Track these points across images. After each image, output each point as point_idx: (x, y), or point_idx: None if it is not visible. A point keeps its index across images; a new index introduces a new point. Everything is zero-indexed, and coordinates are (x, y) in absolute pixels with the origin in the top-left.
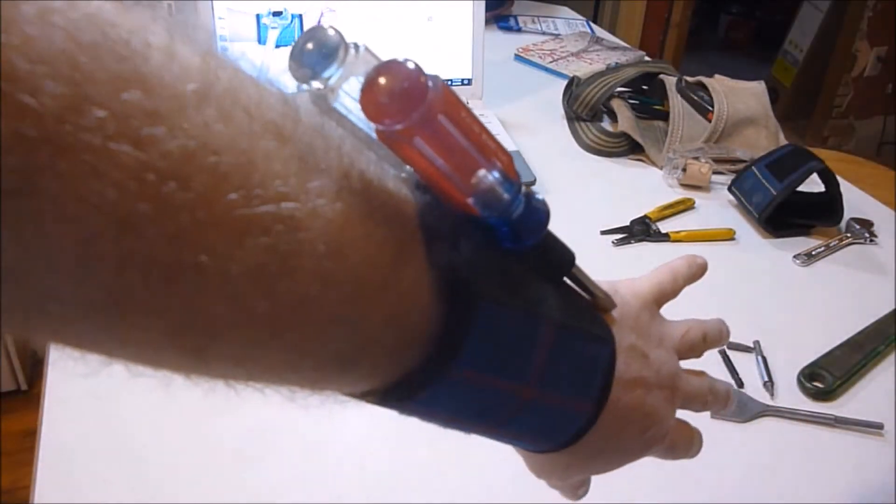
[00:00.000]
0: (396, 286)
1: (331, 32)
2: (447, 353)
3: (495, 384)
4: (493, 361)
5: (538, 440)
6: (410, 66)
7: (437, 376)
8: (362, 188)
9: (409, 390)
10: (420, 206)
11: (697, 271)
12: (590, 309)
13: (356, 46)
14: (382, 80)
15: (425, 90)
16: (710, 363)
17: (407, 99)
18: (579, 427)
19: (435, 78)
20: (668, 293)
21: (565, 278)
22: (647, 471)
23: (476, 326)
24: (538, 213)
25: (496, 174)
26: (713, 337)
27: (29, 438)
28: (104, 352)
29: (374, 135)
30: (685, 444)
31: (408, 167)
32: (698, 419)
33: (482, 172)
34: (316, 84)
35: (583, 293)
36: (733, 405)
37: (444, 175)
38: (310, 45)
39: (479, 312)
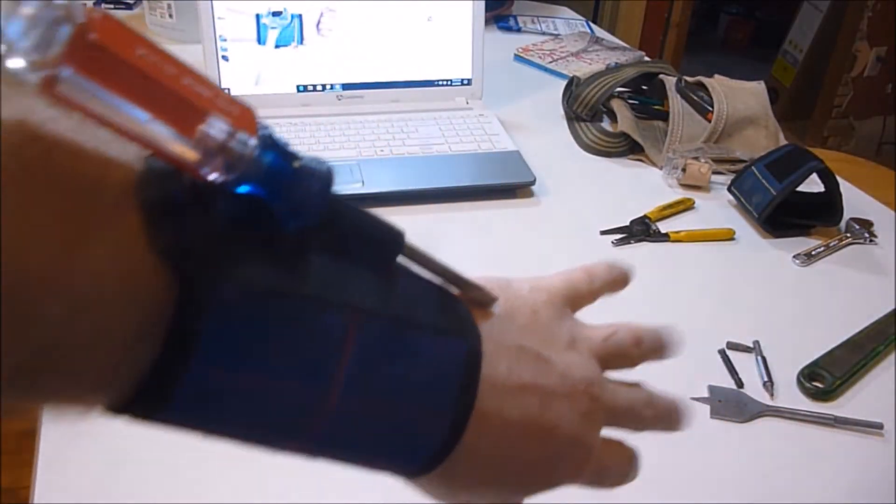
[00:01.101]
0: (78, 267)
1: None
2: (176, 341)
3: (266, 384)
4: (251, 358)
5: (385, 460)
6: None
7: (175, 373)
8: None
9: (154, 394)
10: (141, 176)
11: (619, 277)
12: (440, 300)
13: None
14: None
15: (70, 15)
16: (710, 363)
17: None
18: (436, 444)
19: (91, 10)
20: (582, 294)
21: (405, 267)
22: (646, 471)
23: (213, 309)
24: (313, 174)
25: (217, 123)
26: (650, 343)
27: (29, 438)
28: None
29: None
30: (619, 467)
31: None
32: (698, 416)
33: (208, 120)
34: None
35: (451, 286)
36: (681, 423)
37: (144, 131)
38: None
39: (217, 291)
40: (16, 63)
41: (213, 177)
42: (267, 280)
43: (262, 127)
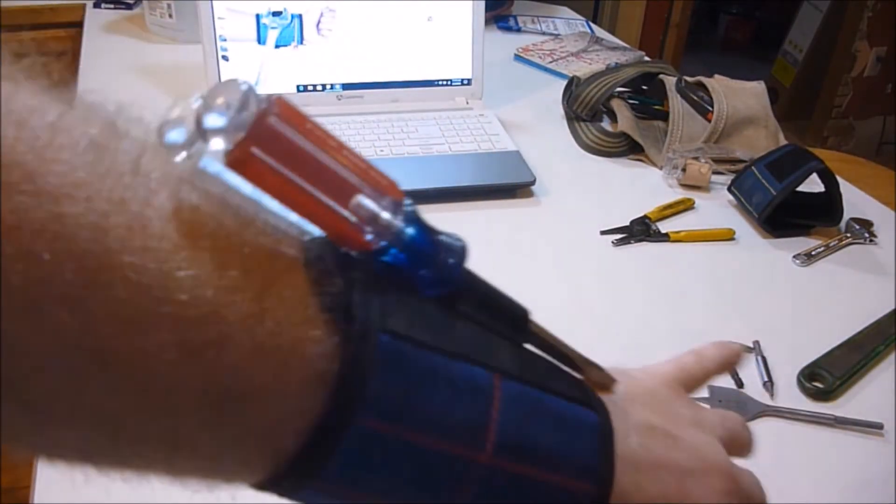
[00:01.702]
0: (264, 315)
1: (192, 103)
2: (346, 394)
3: (427, 441)
4: (417, 408)
5: None
6: (241, 84)
7: (340, 429)
8: (220, 222)
9: (309, 456)
10: (308, 245)
11: (730, 356)
12: (566, 373)
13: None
14: (217, 99)
15: (253, 101)
16: None
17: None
18: None
19: (270, 97)
20: (694, 374)
21: (529, 346)
22: None
23: (381, 361)
24: (452, 247)
25: (381, 199)
26: (745, 439)
27: None
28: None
29: (258, 197)
30: None
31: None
32: None
33: (361, 196)
34: (180, 156)
35: (566, 368)
36: None
37: (309, 195)
38: (173, 118)
39: (382, 344)
40: (217, 145)
41: (370, 242)
42: (421, 336)
43: (407, 202)
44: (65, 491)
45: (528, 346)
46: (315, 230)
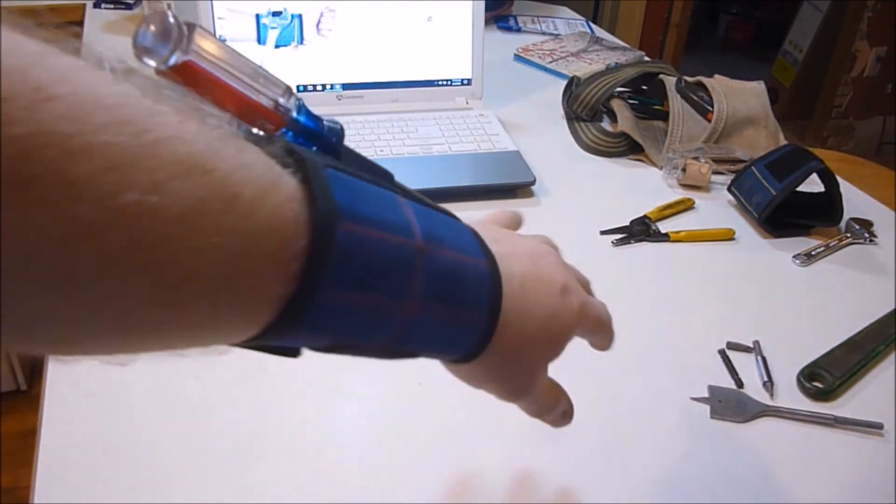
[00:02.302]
0: (250, 165)
1: (170, 19)
2: (325, 209)
3: (387, 238)
4: (370, 213)
5: (466, 311)
6: (168, 16)
7: (330, 239)
8: (192, 116)
9: (313, 267)
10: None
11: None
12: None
13: (189, 27)
14: (146, 28)
15: (177, 29)
16: (709, 363)
17: (166, 36)
18: (491, 284)
19: (190, 23)
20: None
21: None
22: (646, 471)
23: (334, 183)
24: (333, 128)
25: (274, 86)
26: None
27: (29, 438)
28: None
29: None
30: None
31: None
32: (698, 416)
33: (262, 83)
34: (152, 62)
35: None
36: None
37: (237, 89)
38: (152, 28)
39: (329, 172)
40: (151, 63)
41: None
42: (347, 170)
43: (293, 93)
44: (65, 491)
45: None
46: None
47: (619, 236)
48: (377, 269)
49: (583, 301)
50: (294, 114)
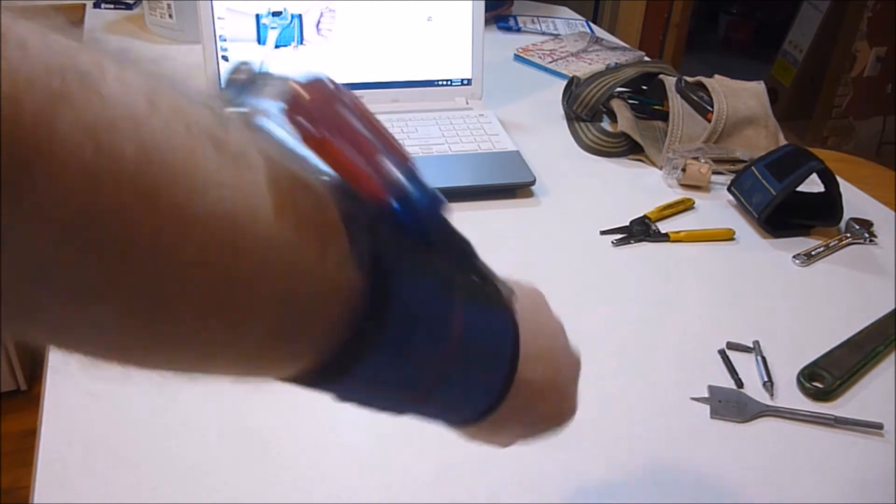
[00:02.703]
0: (324, 266)
1: (250, 67)
2: (374, 318)
3: (421, 351)
4: (417, 325)
5: (468, 405)
6: (325, 79)
7: (363, 354)
8: (289, 185)
9: (339, 369)
10: (337, 199)
11: None
12: (491, 283)
13: (271, 75)
14: (304, 91)
15: (336, 95)
16: (709, 363)
17: (323, 102)
18: (493, 393)
19: (345, 88)
20: None
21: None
22: (646, 471)
23: (397, 294)
24: (437, 203)
25: (403, 166)
26: None
27: (29, 438)
28: (71, 335)
29: (296, 148)
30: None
31: (325, 172)
32: (698, 416)
33: (388, 165)
34: (241, 109)
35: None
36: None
37: (360, 167)
38: (233, 79)
39: (398, 281)
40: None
41: (392, 200)
42: (423, 271)
43: (410, 160)
44: (65, 491)
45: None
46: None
47: (619, 236)
48: (396, 377)
49: (572, 410)
50: (406, 186)
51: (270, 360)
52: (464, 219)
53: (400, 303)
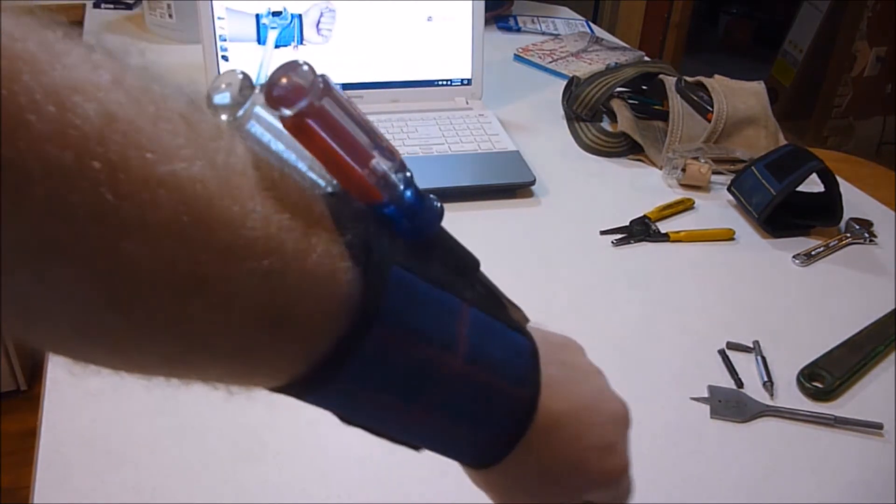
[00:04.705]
0: (310, 250)
1: (238, 76)
2: (367, 310)
3: (421, 349)
4: (414, 323)
5: (477, 433)
6: (303, 64)
7: (360, 338)
8: (270, 170)
9: (335, 360)
10: (326, 197)
11: None
12: (505, 308)
13: (256, 84)
14: (279, 77)
15: (313, 81)
16: (709, 363)
17: (298, 88)
18: (518, 418)
19: (325, 76)
20: None
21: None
22: (646, 471)
23: (391, 286)
24: (433, 208)
25: (387, 159)
26: None
27: (29, 438)
28: (39, 314)
29: (287, 154)
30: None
31: (311, 168)
32: (698, 416)
33: (377, 160)
34: (224, 116)
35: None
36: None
37: (345, 161)
38: (222, 87)
39: (393, 274)
40: (265, 110)
41: (380, 195)
42: (415, 269)
43: (406, 167)
44: (65, 491)
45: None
46: (318, 179)
47: (619, 236)
48: (395, 376)
49: (623, 467)
50: (401, 188)
51: (258, 352)
52: (464, 219)
53: (396, 293)
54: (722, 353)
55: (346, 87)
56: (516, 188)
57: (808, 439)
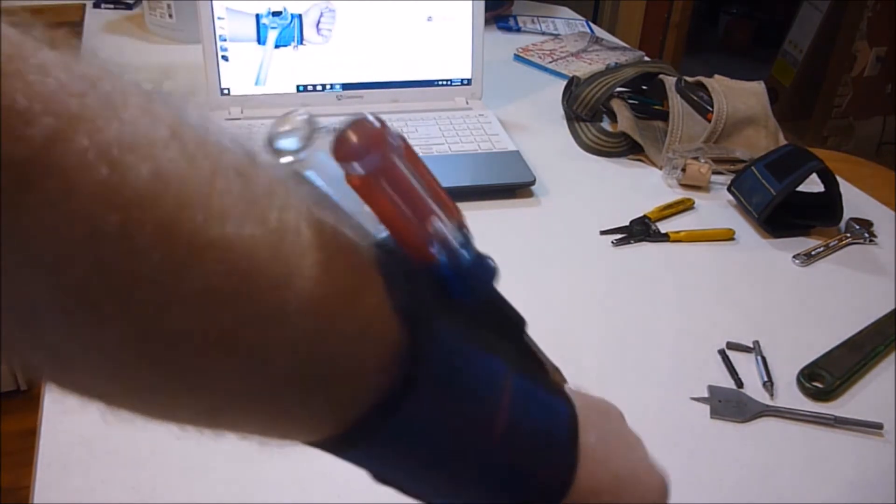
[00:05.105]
0: (357, 313)
1: (301, 117)
2: (410, 375)
3: (462, 416)
4: (459, 391)
5: (512, 501)
6: (373, 119)
7: (401, 401)
8: (322, 227)
9: (375, 421)
10: (378, 252)
11: None
12: (546, 371)
13: (323, 128)
14: (351, 132)
15: (385, 137)
16: (709, 363)
17: (371, 143)
18: (555, 488)
19: (396, 133)
20: None
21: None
22: None
23: (436, 347)
24: (488, 269)
25: (449, 223)
26: None
27: (29, 438)
28: (76, 366)
29: (336, 199)
30: None
31: (367, 222)
32: (698, 416)
33: (437, 220)
34: (286, 159)
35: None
36: None
37: (405, 219)
38: (283, 129)
39: (438, 335)
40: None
41: (437, 256)
42: (462, 333)
43: (465, 224)
44: (65, 491)
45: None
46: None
47: (619, 236)
48: (434, 441)
49: None
50: (458, 250)
51: (294, 411)
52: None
53: (440, 354)
54: (722, 353)
55: (345, 87)
56: (516, 188)
57: (808, 439)
